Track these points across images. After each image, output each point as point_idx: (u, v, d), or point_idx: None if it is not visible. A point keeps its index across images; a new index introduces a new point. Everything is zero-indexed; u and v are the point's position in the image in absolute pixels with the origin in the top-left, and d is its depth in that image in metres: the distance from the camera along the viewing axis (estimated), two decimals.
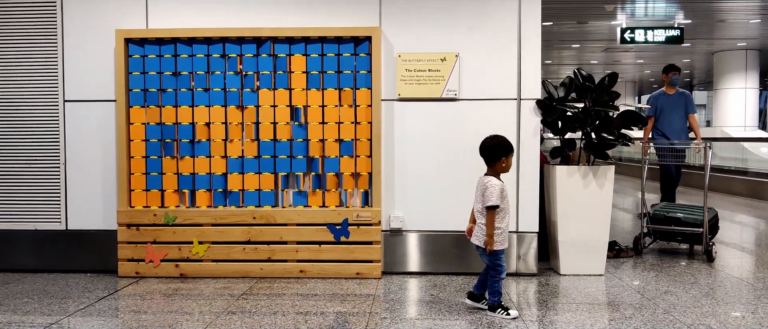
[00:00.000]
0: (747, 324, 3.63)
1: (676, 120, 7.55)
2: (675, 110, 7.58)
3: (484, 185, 3.81)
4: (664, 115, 7.59)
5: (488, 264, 3.83)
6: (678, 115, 7.59)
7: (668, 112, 7.58)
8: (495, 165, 3.87)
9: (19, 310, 3.96)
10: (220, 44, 4.86)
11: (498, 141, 3.88)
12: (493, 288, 3.81)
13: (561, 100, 4.88)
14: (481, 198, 3.81)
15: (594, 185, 4.82)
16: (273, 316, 3.79)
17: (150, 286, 4.60)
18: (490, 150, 3.87)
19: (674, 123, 7.53)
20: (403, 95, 4.86)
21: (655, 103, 7.69)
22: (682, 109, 7.59)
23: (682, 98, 7.64)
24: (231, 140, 4.89)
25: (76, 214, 5.01)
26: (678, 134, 7.49)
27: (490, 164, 3.89)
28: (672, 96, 7.65)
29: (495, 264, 3.80)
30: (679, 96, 7.65)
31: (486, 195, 3.77)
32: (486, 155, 3.89)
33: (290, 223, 4.81)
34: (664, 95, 7.69)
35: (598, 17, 15.15)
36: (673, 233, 5.64)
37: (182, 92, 4.89)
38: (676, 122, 7.55)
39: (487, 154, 3.89)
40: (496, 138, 3.90)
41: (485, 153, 3.89)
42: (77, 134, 4.97)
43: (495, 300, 3.81)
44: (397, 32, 4.86)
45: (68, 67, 4.94)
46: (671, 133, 7.48)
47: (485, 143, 3.90)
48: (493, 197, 3.74)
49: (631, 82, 33.29)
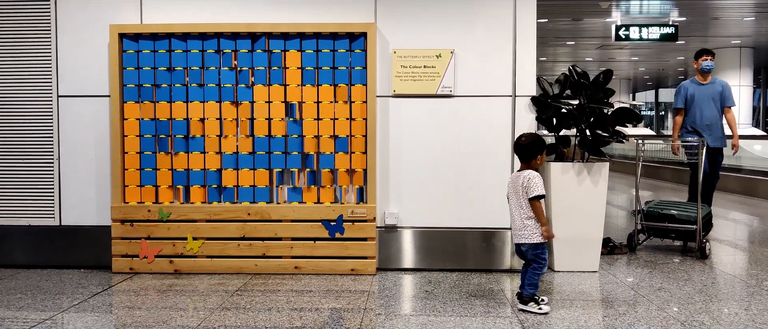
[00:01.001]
0: (740, 320, 3.65)
1: (708, 113, 6.50)
2: (707, 102, 6.51)
3: (525, 178, 3.80)
4: (695, 107, 6.53)
5: (530, 258, 3.83)
6: (711, 107, 6.51)
7: (699, 103, 6.51)
8: (530, 162, 3.88)
9: (13, 306, 3.95)
10: (215, 39, 4.84)
11: (533, 138, 3.91)
12: (533, 281, 3.82)
13: (556, 97, 4.89)
14: (523, 192, 3.80)
15: (588, 182, 4.83)
16: (268, 312, 3.78)
17: (144, 282, 4.59)
18: (526, 148, 3.88)
19: (706, 117, 6.50)
20: (398, 92, 4.85)
21: (685, 93, 6.63)
22: (716, 101, 6.53)
23: (716, 88, 6.54)
24: (226, 135, 4.88)
25: (69, 210, 4.99)
26: (710, 130, 6.46)
27: (525, 161, 3.90)
28: (705, 85, 6.57)
29: (539, 257, 3.81)
30: (713, 85, 6.57)
31: (531, 187, 3.77)
32: (522, 153, 3.91)
33: (285, 219, 4.80)
34: (696, 84, 6.61)
35: (593, 14, 15.17)
36: (667, 230, 5.66)
37: (176, 87, 4.87)
38: (708, 115, 6.49)
39: (523, 152, 3.90)
40: (531, 136, 3.94)
41: (521, 151, 3.91)
42: (71, 130, 4.95)
43: (532, 292, 3.82)
44: (392, 28, 4.85)
45: (62, 62, 4.92)
46: (702, 128, 6.49)
47: (521, 141, 3.91)
48: (538, 188, 3.76)
49: (626, 79, 33.37)
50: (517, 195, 3.85)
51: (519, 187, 3.83)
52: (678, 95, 6.68)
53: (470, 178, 4.89)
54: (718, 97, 6.54)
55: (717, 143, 6.51)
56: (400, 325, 3.55)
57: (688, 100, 6.60)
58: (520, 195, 3.82)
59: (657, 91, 41.52)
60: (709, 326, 3.53)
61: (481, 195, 4.88)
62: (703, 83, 6.60)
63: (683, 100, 6.62)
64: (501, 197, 4.85)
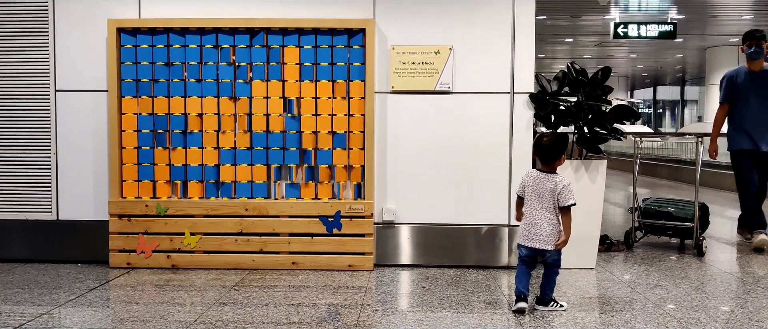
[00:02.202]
0: (736, 318, 3.66)
1: (761, 109, 5.41)
2: (761, 96, 5.40)
3: (558, 185, 3.61)
4: (744, 102, 5.44)
5: (552, 262, 3.72)
6: (765, 103, 5.41)
7: (750, 97, 5.39)
8: (553, 164, 3.69)
9: (10, 300, 3.95)
10: (213, 35, 4.83)
11: (556, 138, 3.71)
12: (553, 284, 3.77)
13: (554, 94, 4.89)
14: (554, 199, 3.62)
15: (586, 179, 4.84)
16: (265, 308, 3.79)
17: (141, 277, 4.59)
18: (549, 149, 3.68)
19: (758, 113, 5.41)
20: (396, 88, 4.85)
21: (730, 84, 5.53)
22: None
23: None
24: (223, 131, 4.87)
25: (67, 204, 4.98)
26: (765, 130, 5.44)
27: (547, 163, 3.70)
28: (757, 74, 5.42)
29: (560, 261, 3.75)
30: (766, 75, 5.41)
31: (565, 195, 3.60)
32: (544, 154, 3.69)
33: (282, 215, 4.80)
34: (745, 74, 5.50)
35: (591, 12, 15.18)
36: (664, 228, 5.67)
37: (174, 82, 4.86)
38: (761, 111, 5.42)
39: (546, 153, 3.68)
40: (554, 135, 3.76)
41: (544, 152, 3.69)
42: (69, 124, 4.94)
43: (551, 295, 3.79)
44: (391, 24, 4.85)
45: (60, 56, 4.91)
46: (753, 127, 5.46)
47: (543, 141, 3.70)
48: (573, 196, 3.62)
49: (624, 76, 33.42)
50: (541, 198, 3.64)
51: (547, 191, 3.63)
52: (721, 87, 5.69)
53: (468, 174, 4.89)
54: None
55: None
56: (397, 321, 3.56)
57: (735, 93, 5.49)
58: (549, 200, 3.63)
59: (655, 89, 41.58)
60: (705, 323, 3.54)
61: (479, 192, 4.88)
62: (755, 72, 5.46)
63: (727, 93, 5.54)
64: (499, 194, 4.86)
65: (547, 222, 3.64)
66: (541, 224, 3.65)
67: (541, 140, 3.74)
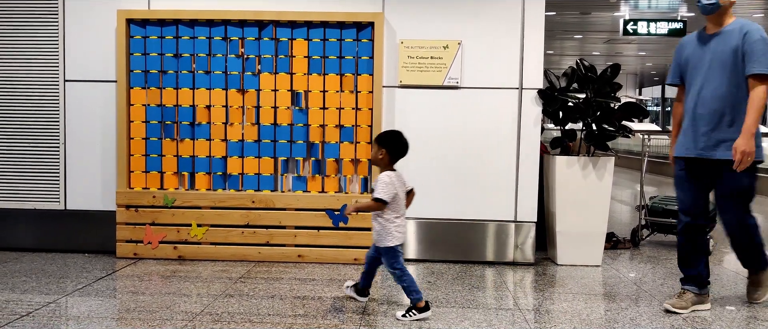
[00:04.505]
0: (742, 317, 3.65)
1: (711, 94, 3.59)
2: (713, 70, 3.59)
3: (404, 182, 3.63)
4: (690, 82, 3.71)
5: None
6: (717, 82, 3.57)
7: (697, 74, 3.66)
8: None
9: (18, 289, 3.97)
10: (222, 27, 4.83)
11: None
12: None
13: (563, 90, 4.88)
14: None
15: (593, 176, 4.82)
16: (271, 300, 3.80)
17: (148, 267, 4.61)
18: (407, 147, 3.64)
19: (708, 100, 3.59)
20: (404, 82, 4.84)
21: (678, 55, 3.82)
22: (726, 65, 3.54)
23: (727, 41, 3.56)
24: (231, 123, 4.88)
25: (75, 194, 5.01)
26: (712, 125, 3.59)
27: (396, 161, 3.66)
28: (711, 40, 3.63)
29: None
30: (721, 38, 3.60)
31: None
32: (404, 152, 3.64)
33: (289, 208, 4.81)
34: (697, 39, 3.73)
35: (601, 8, 15.09)
36: (671, 226, 5.65)
37: (183, 74, 4.87)
38: (712, 97, 3.58)
39: (405, 150, 3.64)
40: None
41: (405, 150, 3.64)
42: (77, 115, 4.96)
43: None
44: (399, 18, 4.83)
45: (69, 47, 4.92)
46: (694, 122, 3.65)
47: (405, 140, 3.62)
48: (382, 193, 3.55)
49: (633, 74, 33.24)
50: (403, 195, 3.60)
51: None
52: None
53: (475, 170, 4.88)
54: (729, 58, 3.53)
55: (714, 149, 3.60)
56: None
57: (683, 67, 3.79)
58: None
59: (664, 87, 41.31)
60: (711, 322, 3.53)
61: (486, 188, 4.87)
62: (709, 35, 3.66)
63: (674, 68, 3.87)
64: (506, 190, 4.86)
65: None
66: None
67: (403, 138, 3.62)
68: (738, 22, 3.62)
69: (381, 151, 3.57)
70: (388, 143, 3.58)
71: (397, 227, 3.54)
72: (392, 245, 3.53)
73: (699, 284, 3.77)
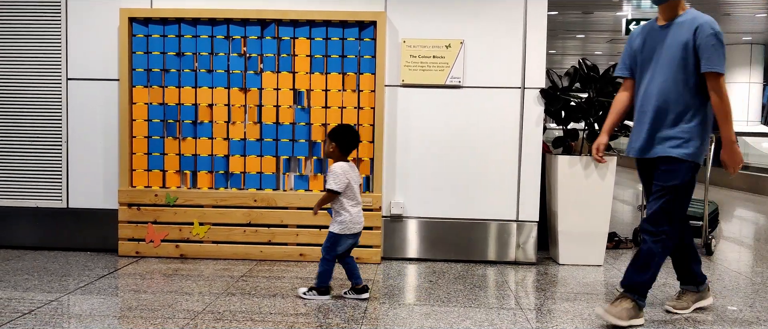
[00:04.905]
0: (744, 317, 3.65)
1: (657, 88, 3.40)
2: (660, 65, 3.40)
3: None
4: (639, 76, 3.54)
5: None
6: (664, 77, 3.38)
7: (646, 68, 3.48)
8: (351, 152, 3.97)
9: (20, 287, 3.98)
10: (225, 26, 4.84)
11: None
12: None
13: (565, 89, 4.87)
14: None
15: (595, 176, 4.82)
16: (272, 298, 3.80)
17: (150, 266, 4.61)
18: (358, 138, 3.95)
19: (654, 95, 3.40)
20: (406, 81, 4.84)
21: (629, 47, 3.61)
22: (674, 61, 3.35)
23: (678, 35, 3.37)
24: (233, 122, 4.88)
25: (77, 192, 5.01)
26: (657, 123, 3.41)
27: (349, 153, 3.93)
28: (661, 32, 3.45)
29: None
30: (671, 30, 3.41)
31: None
32: (356, 144, 3.95)
33: (291, 206, 4.81)
34: (648, 31, 3.54)
35: (603, 8, 15.07)
36: None
37: (185, 72, 4.88)
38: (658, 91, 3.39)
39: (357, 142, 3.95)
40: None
41: (357, 141, 3.94)
42: (79, 113, 4.96)
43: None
44: (402, 18, 4.83)
45: (71, 45, 4.93)
46: (639, 118, 3.52)
47: (355, 131, 3.93)
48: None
49: None
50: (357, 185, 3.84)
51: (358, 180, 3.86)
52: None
53: (477, 169, 4.88)
54: (678, 52, 3.34)
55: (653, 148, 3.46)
56: (404, 314, 3.56)
57: (633, 59, 3.60)
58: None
59: None
60: (712, 322, 3.53)
61: (488, 187, 4.87)
62: (661, 27, 3.47)
63: (624, 59, 3.67)
64: (508, 189, 4.86)
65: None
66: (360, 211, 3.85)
67: (353, 131, 3.87)
68: (690, 13, 3.42)
69: (331, 144, 3.81)
70: (337, 136, 3.80)
71: (353, 216, 3.75)
72: (335, 231, 3.75)
73: (695, 281, 3.74)
